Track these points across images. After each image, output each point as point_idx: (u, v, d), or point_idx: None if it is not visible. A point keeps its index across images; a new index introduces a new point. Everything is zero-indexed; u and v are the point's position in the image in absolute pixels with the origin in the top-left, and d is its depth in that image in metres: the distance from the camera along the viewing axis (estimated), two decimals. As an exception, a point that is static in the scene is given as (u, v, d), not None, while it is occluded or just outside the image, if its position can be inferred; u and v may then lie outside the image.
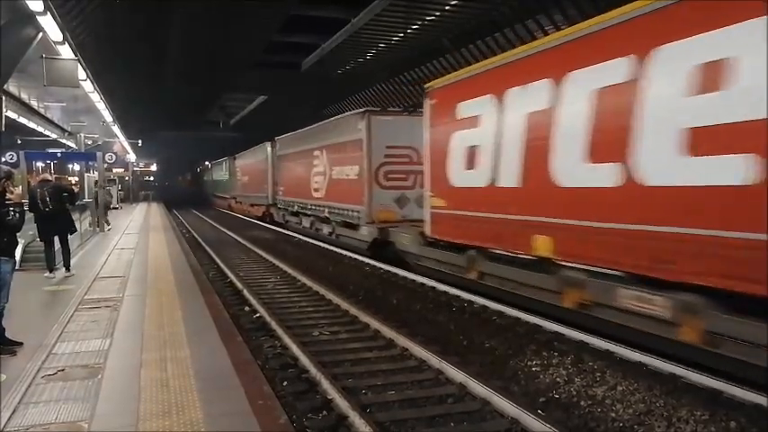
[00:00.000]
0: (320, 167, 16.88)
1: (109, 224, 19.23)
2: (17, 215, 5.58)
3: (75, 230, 10.72)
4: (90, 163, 22.19)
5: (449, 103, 9.66)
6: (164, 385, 4.53)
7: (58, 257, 9.86)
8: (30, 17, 9.33)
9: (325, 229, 16.89)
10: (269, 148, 24.79)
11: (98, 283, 9.08)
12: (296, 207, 20.09)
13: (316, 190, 17.40)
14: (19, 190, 5.87)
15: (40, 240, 9.70)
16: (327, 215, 16.20)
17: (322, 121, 18.16)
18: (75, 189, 15.76)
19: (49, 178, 10.24)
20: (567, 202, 7.04)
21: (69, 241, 10.08)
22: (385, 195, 13.41)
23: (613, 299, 6.31)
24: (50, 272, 9.49)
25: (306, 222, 19.02)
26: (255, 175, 27.91)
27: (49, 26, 9.59)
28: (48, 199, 9.36)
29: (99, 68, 16.42)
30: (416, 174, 12.71)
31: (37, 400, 4.29)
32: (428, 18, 16.13)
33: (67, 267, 9.85)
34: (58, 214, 9.52)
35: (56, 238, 9.77)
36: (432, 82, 10.66)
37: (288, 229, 21.48)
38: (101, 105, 19.22)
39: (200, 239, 19.50)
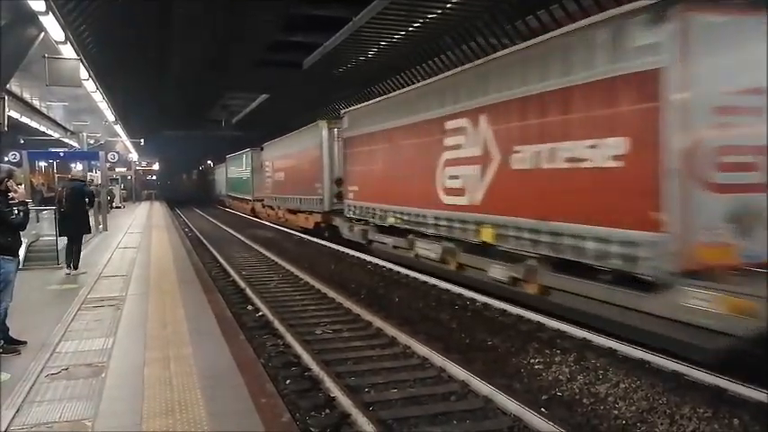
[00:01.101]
0: (467, 150, 9.24)
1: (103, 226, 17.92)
2: (21, 214, 5.59)
3: (90, 232, 10.93)
4: (93, 162, 22.21)
5: None
6: (167, 384, 4.54)
7: (62, 255, 10.05)
8: (32, 17, 9.34)
9: (498, 273, 8.59)
10: (324, 132, 17.01)
11: (101, 282, 9.10)
12: (390, 219, 12.09)
13: (451, 191, 9.71)
14: (22, 188, 5.87)
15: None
16: (492, 242, 8.61)
17: (469, 64, 10.48)
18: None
19: (78, 177, 10.49)
20: None
21: (82, 241, 10.25)
22: (713, 207, 5.82)
23: None
24: (68, 267, 9.80)
25: (427, 250, 10.76)
26: (300, 170, 19.51)
27: (51, 26, 9.60)
28: (63, 200, 9.73)
29: (101, 68, 16.44)
30: None
31: (41, 399, 4.30)
32: (429, 16, 16.12)
33: (75, 266, 9.95)
34: (72, 214, 9.78)
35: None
36: None
37: (373, 254, 13.46)
38: (103, 105, 19.23)
39: (202, 238, 19.52)
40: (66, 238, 10.00)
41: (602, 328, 6.74)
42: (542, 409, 4.84)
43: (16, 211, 5.53)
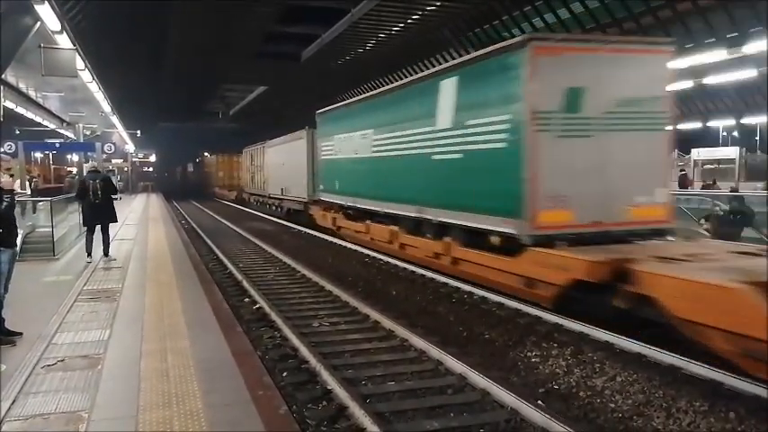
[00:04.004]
0: None
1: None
2: (4, 204, 5.52)
3: (117, 221, 11.27)
4: (89, 153, 22.13)
5: None
6: (164, 375, 4.53)
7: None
8: (27, 6, 9.26)
9: None
10: None
11: (97, 274, 9.08)
12: None
13: None
14: (7, 177, 5.85)
15: (84, 225, 10.72)
16: None
17: None
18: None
19: (100, 169, 11.19)
20: None
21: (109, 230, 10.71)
22: None
23: None
24: (89, 256, 10.17)
25: None
26: None
27: (47, 15, 9.52)
28: (99, 191, 10.18)
29: (97, 58, 16.34)
30: None
31: (37, 390, 4.29)
32: (428, 8, 16.05)
33: (106, 253, 10.44)
34: (105, 205, 10.28)
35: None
36: None
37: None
38: (99, 95, 19.13)
39: (198, 230, 19.48)
40: (87, 227, 10.48)
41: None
42: (539, 402, 4.85)
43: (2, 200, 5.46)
